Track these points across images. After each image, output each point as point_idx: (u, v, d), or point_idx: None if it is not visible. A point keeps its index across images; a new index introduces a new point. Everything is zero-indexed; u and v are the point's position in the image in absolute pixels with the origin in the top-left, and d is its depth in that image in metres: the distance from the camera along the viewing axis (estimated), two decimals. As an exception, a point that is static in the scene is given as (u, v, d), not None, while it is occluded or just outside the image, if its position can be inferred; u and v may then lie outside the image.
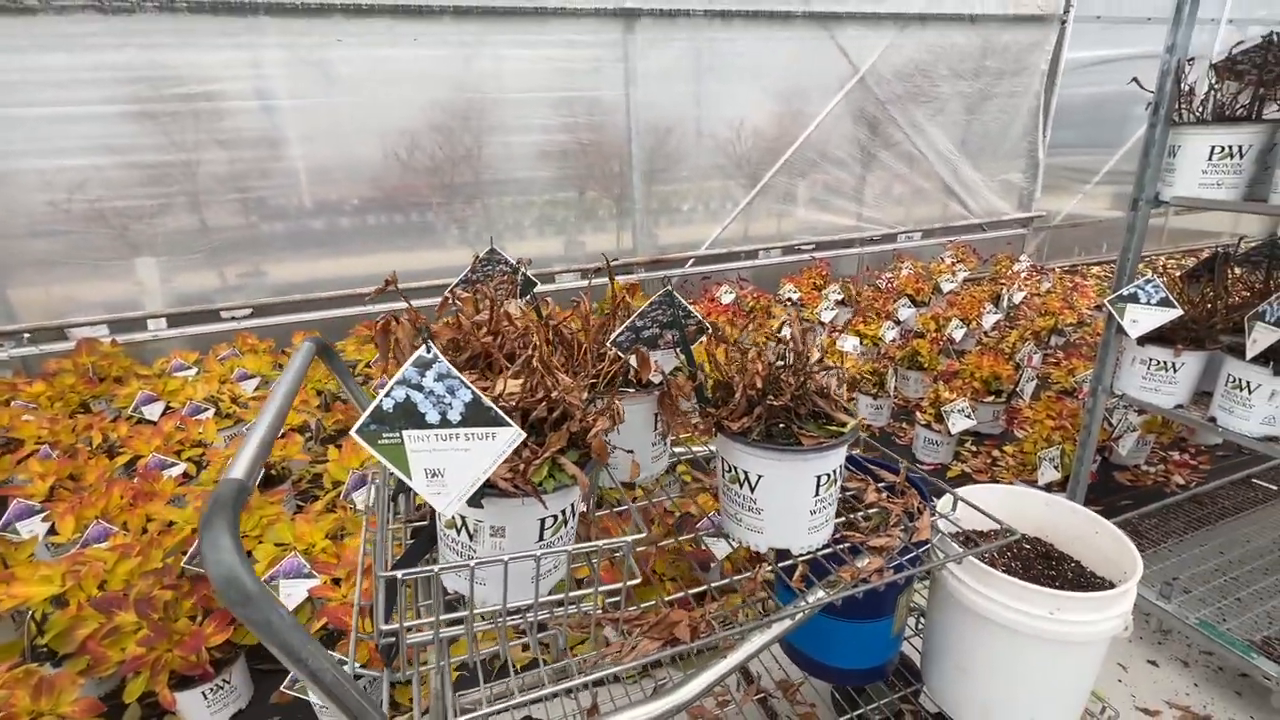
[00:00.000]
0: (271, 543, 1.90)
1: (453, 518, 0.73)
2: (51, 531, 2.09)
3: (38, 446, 2.50)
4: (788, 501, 0.88)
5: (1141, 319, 1.70)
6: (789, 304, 4.27)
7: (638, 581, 0.76)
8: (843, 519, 1.01)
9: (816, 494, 0.88)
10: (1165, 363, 1.74)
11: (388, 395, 0.58)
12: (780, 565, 0.91)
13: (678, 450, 1.21)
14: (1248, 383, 1.56)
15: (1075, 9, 5.17)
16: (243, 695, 1.74)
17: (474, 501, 0.66)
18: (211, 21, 3.45)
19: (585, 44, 4.11)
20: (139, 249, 3.80)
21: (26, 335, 3.66)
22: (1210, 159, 1.61)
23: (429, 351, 0.56)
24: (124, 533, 1.94)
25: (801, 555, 0.92)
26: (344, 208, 4.08)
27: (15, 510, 2.07)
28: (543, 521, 0.74)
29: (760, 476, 0.87)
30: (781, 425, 0.88)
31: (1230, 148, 1.58)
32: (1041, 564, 1.33)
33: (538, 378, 0.76)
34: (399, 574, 0.66)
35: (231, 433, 2.78)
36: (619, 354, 0.91)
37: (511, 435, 0.60)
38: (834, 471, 0.89)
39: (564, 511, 0.77)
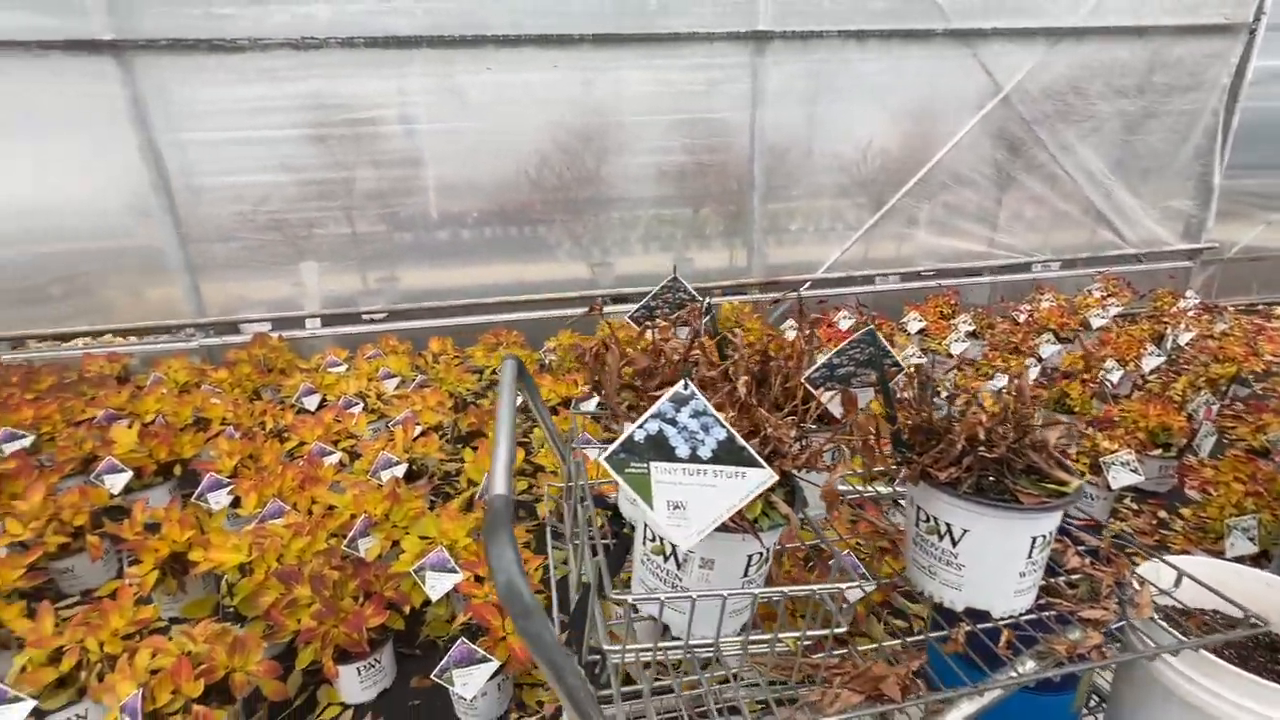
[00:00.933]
0: (417, 535, 2.04)
1: (660, 543, 0.75)
2: (235, 504, 2.36)
3: (223, 427, 2.84)
4: (996, 560, 0.82)
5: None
6: (914, 333, 4.06)
7: (842, 630, 0.74)
8: (1043, 582, 0.93)
9: (1030, 556, 0.82)
10: None
11: (640, 427, 0.60)
12: (980, 627, 0.85)
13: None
14: None
15: (1268, 15, 4.58)
16: (389, 675, 1.87)
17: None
18: (381, 54, 3.82)
19: (714, 67, 4.16)
20: (304, 255, 4.25)
21: (211, 327, 4.19)
22: None
23: (686, 388, 0.58)
24: (295, 512, 2.15)
25: (1003, 619, 0.86)
26: (466, 221, 4.36)
27: (208, 483, 2.36)
28: (750, 558, 0.74)
29: (966, 531, 0.82)
30: (992, 478, 0.83)
31: None
32: (1264, 655, 1.16)
33: (748, 413, 0.76)
34: (630, 598, 0.68)
35: (376, 426, 3.02)
36: (810, 391, 0.90)
37: (763, 477, 0.61)
38: (1050, 533, 0.83)
39: (769, 549, 0.76)
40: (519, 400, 0.92)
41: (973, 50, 4.38)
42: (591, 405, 3.03)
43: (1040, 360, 3.61)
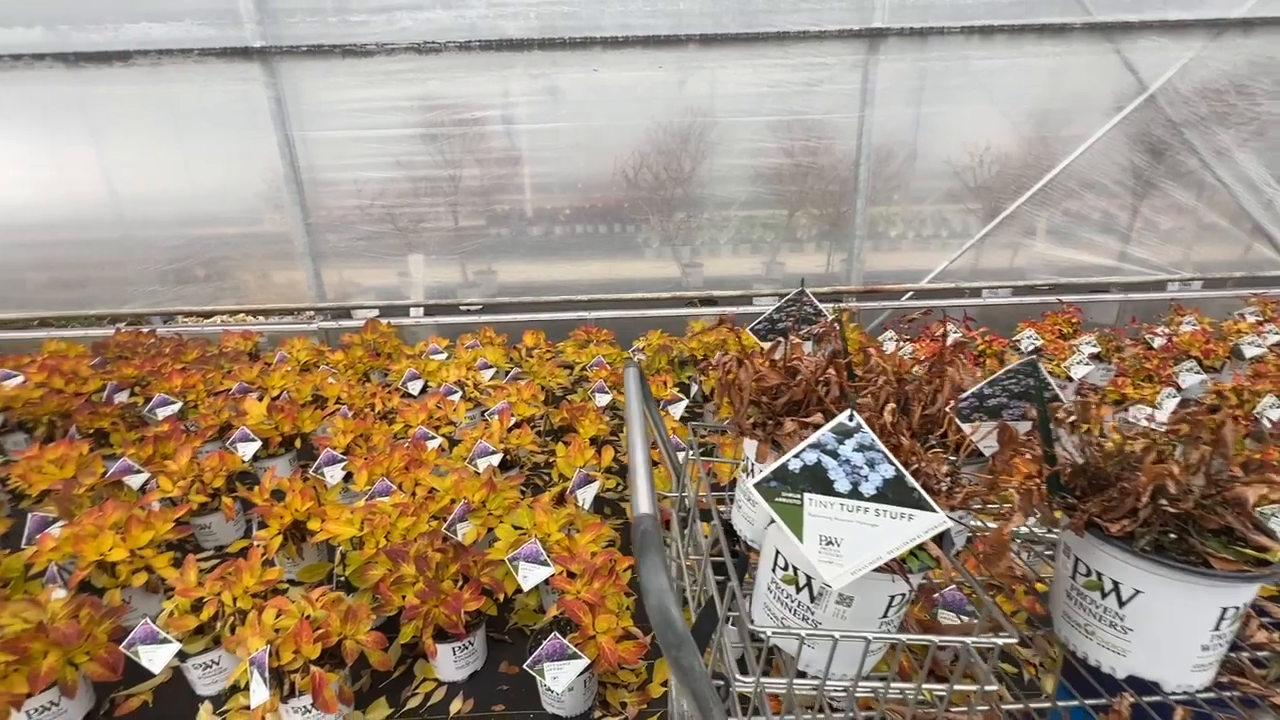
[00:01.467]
0: (510, 524, 2.10)
1: (793, 573, 0.72)
2: (346, 479, 2.53)
3: (338, 406, 3.06)
4: (1173, 629, 0.73)
5: None
6: (1027, 352, 3.75)
7: (993, 688, 0.68)
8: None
9: (1216, 628, 0.72)
10: None
11: (797, 457, 0.58)
12: (1148, 700, 0.76)
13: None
14: None
15: None
16: (480, 658, 1.94)
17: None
18: (493, 57, 3.97)
19: (821, 66, 4.02)
20: (412, 247, 4.51)
21: (329, 311, 4.52)
22: None
23: (852, 419, 0.55)
24: (400, 492, 2.28)
25: (1175, 695, 0.76)
26: (560, 217, 4.47)
27: (325, 458, 2.55)
28: (892, 598, 0.70)
29: (1138, 592, 0.73)
30: (1173, 535, 0.74)
31: None
32: None
33: (893, 445, 0.71)
34: (768, 630, 0.66)
35: (473, 415, 3.15)
36: (958, 422, 0.83)
37: (933, 521, 0.57)
38: (1243, 605, 0.72)
39: (912, 591, 0.71)
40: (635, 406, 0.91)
41: (1115, 45, 3.99)
42: (679, 409, 3.01)
43: (1179, 390, 3.24)
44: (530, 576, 1.89)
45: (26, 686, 1.55)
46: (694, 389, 3.51)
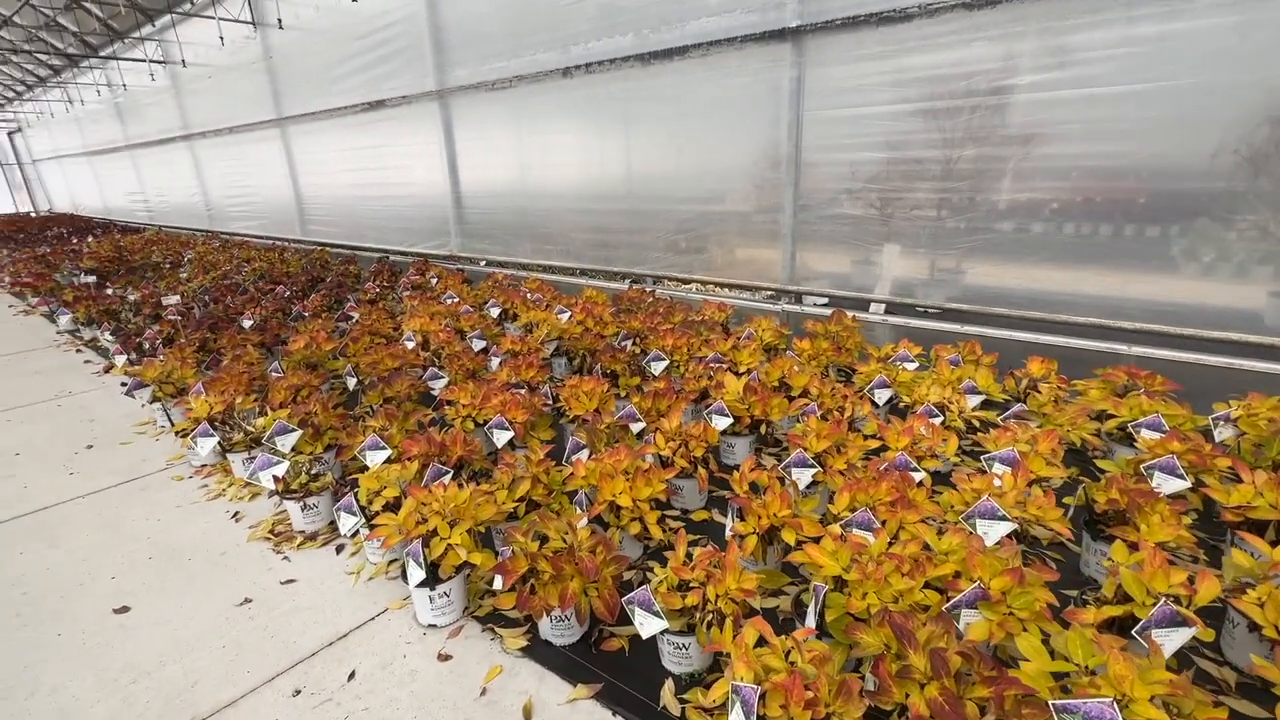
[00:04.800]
0: (1036, 640, 1.46)
1: None
2: (810, 484, 2.27)
3: (806, 401, 2.86)
4: None
5: None
6: None
7: None
8: None
9: None
10: None
11: None
12: None
13: None
14: None
15: None
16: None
17: None
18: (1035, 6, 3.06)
19: None
20: (889, 236, 4.03)
21: (790, 294, 4.47)
22: None
23: None
24: (883, 531, 1.88)
25: None
26: (1070, 212, 3.25)
27: (797, 458, 2.34)
28: None
29: None
30: None
31: None
32: None
33: None
34: None
35: (968, 450, 2.54)
36: None
37: None
38: None
39: None
40: None
41: None
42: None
43: None
44: (1090, 748, 1.24)
45: (557, 602, 1.74)
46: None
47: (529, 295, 5.03)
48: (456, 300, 5.20)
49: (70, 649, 1.97)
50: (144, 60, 11.10)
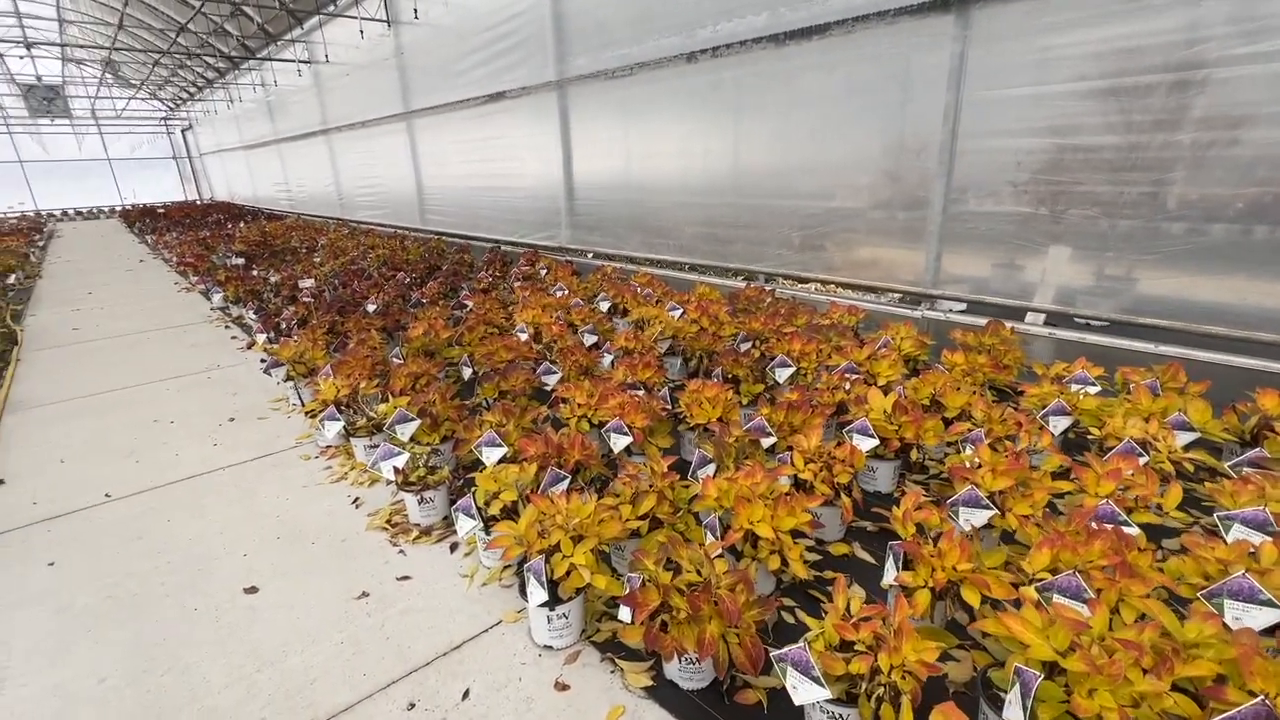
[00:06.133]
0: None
1: None
2: (985, 525, 1.91)
3: (966, 426, 2.45)
4: None
5: None
6: None
7: None
8: None
9: None
10: None
11: None
12: None
13: None
14: None
15: None
16: None
17: None
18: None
19: None
20: (1057, 237, 3.47)
21: (929, 299, 3.99)
22: None
23: None
24: (1099, 604, 1.50)
25: None
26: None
27: (968, 495, 1.98)
28: None
29: None
30: None
31: None
32: None
33: None
34: None
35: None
36: None
37: None
38: None
39: None
40: None
41: None
42: None
43: None
44: None
45: (694, 646, 1.52)
46: None
47: (639, 290, 4.86)
48: (566, 292, 5.13)
49: (204, 626, 2.00)
50: (293, 60, 12.08)
